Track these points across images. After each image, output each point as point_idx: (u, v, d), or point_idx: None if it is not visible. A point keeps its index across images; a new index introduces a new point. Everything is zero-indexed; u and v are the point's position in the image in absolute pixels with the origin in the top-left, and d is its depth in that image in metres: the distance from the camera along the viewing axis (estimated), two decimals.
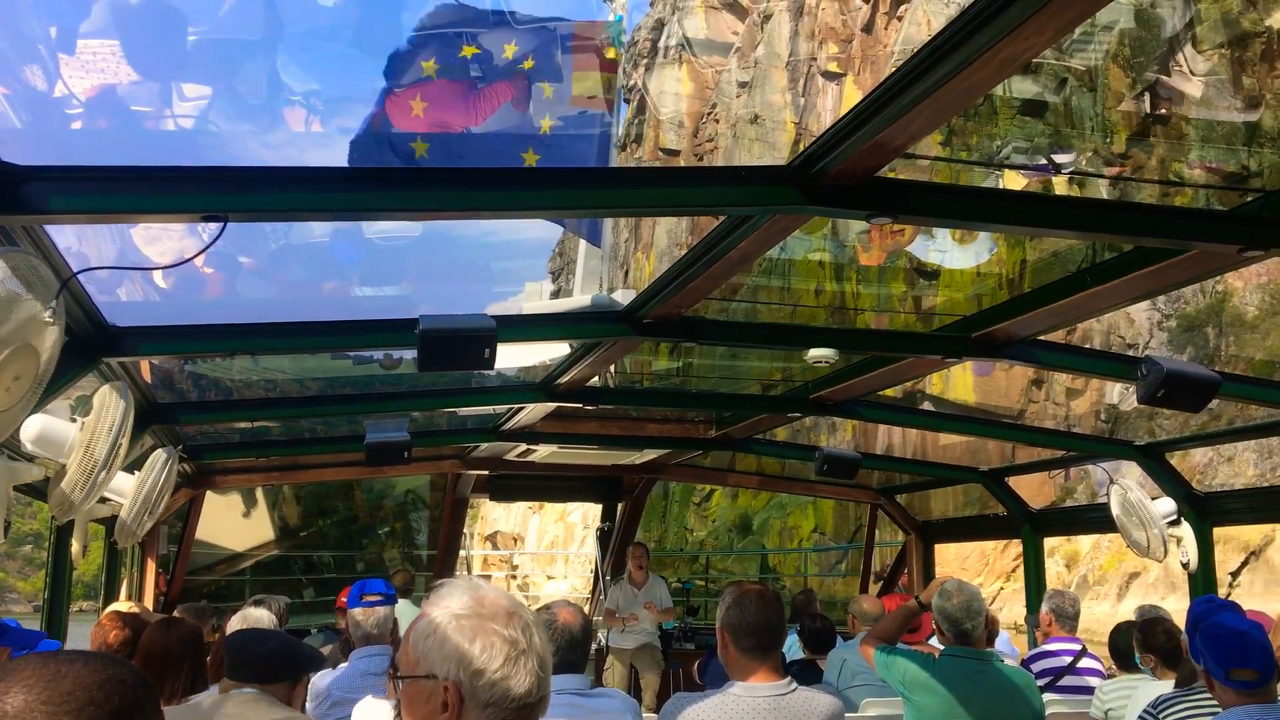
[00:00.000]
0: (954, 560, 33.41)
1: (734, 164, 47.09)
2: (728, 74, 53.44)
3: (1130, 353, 31.13)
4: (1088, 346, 31.26)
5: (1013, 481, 8.33)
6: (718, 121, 52.85)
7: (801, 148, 3.29)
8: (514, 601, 1.85)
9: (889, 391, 7.06)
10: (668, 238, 50.61)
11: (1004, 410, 31.73)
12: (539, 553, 46.60)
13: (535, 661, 1.80)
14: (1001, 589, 33.43)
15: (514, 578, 46.45)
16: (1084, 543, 32.00)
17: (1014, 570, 34.03)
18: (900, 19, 44.28)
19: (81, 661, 1.29)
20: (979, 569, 33.56)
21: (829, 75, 47.98)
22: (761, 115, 48.92)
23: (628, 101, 59.07)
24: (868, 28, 46.82)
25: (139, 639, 4.07)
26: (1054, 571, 33.30)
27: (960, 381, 32.21)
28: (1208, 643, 3.57)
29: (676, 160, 54.17)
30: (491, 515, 53.25)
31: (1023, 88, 34.55)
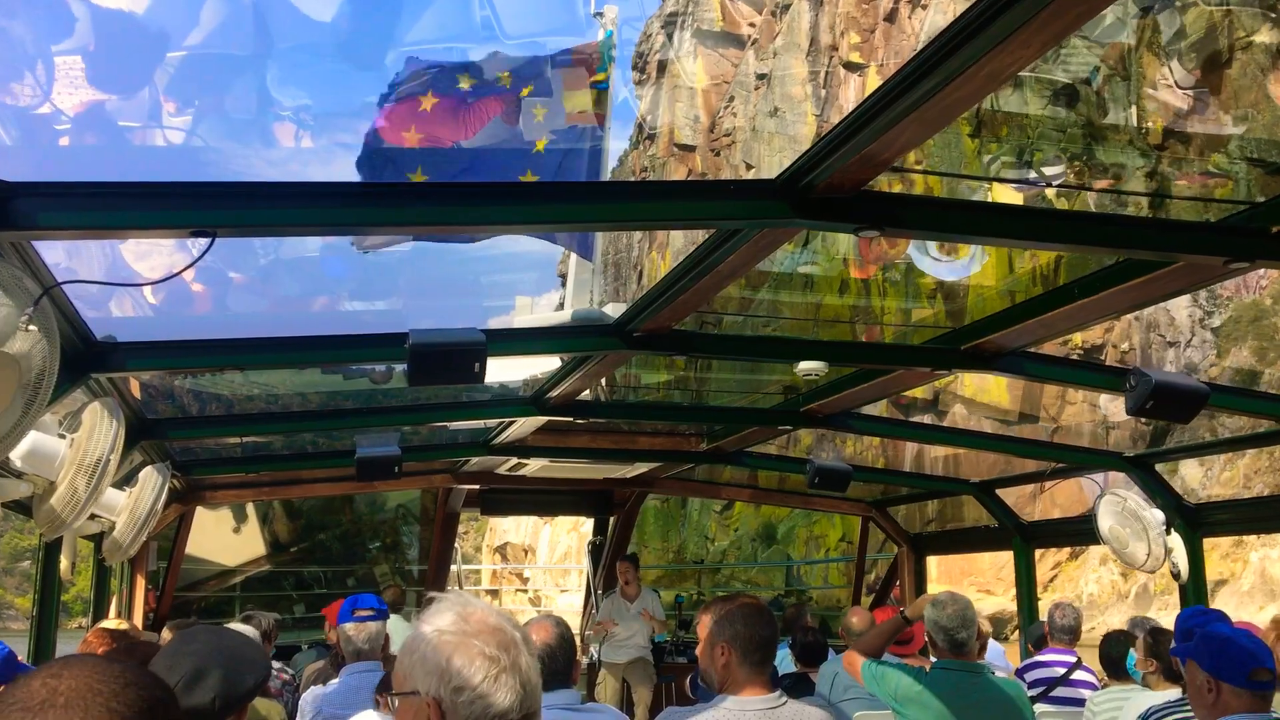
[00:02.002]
0: (989, 570, 32.22)
1: (753, 157, 46.14)
2: (745, 66, 51.84)
3: (1171, 351, 30.84)
4: (1124, 346, 31.05)
5: (1054, 487, 8.21)
6: (735, 115, 51.39)
7: None
8: (501, 618, 1.85)
9: (917, 392, 7.03)
10: (684, 236, 49.72)
11: (1038, 413, 31.21)
12: (551, 567, 45.23)
13: (517, 679, 1.80)
14: (1039, 599, 32.67)
15: (525, 591, 45.46)
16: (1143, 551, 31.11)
17: (1052, 579, 32.79)
18: (924, 7, 43.43)
19: (135, 669, 1.38)
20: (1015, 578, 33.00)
21: (851, 66, 46.80)
22: (781, 108, 47.60)
23: (640, 98, 58.03)
24: (890, 17, 45.54)
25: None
26: (1109, 580, 32.16)
27: (995, 383, 31.76)
28: (1222, 648, 3.55)
29: (692, 156, 52.74)
30: (501, 526, 51.86)
31: (1053, 76, 33.99)
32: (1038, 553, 7.96)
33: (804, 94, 47.90)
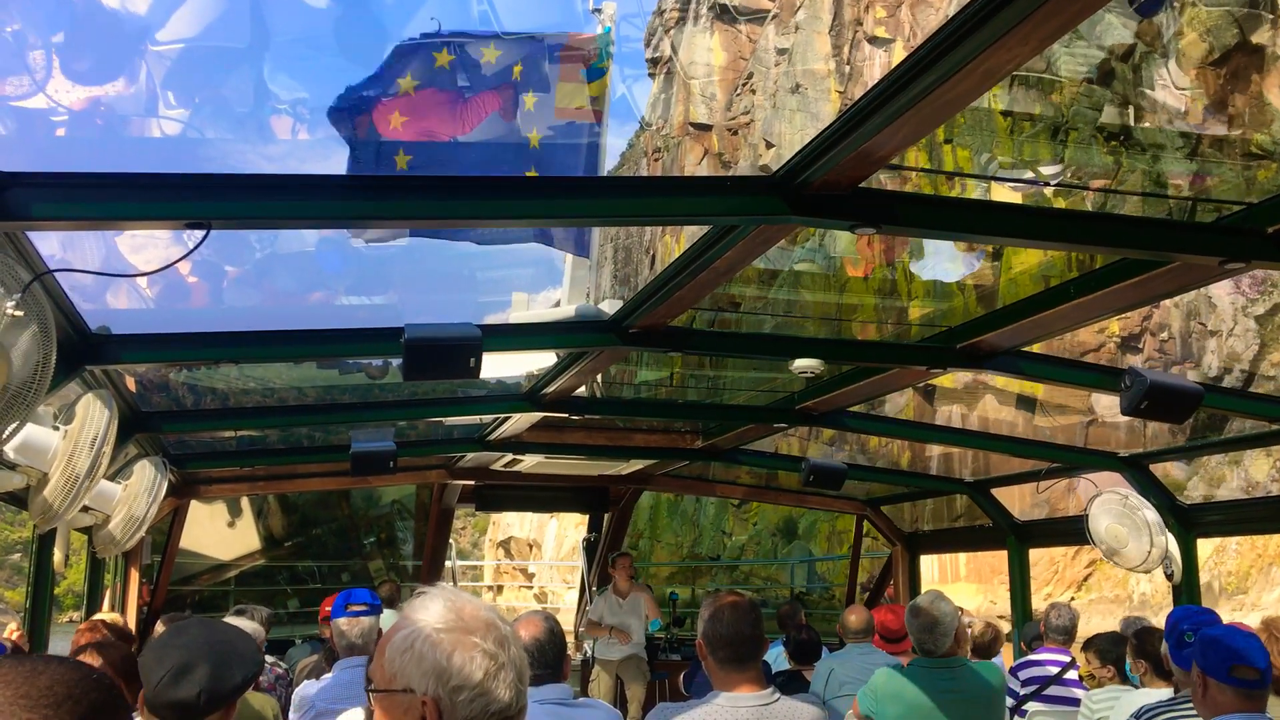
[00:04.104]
0: None
1: (773, 135, 44.80)
2: (764, 42, 49.33)
3: (1212, 341, 30.31)
4: (1163, 335, 30.32)
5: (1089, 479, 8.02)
6: (754, 93, 49.00)
7: None
8: (492, 612, 1.82)
9: (945, 380, 6.99)
10: None
11: (1073, 404, 30.57)
12: (553, 563, 44.00)
13: (514, 674, 1.77)
14: (1073, 599, 30.29)
15: (529, 588, 44.80)
16: (1203, 545, 28.70)
17: (1086, 578, 31.30)
18: None
19: (57, 661, 1.31)
20: (1048, 577, 31.11)
21: (876, 41, 44.80)
22: (803, 84, 45.33)
23: (652, 76, 56.63)
24: None
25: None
26: (1162, 578, 31.08)
27: None
28: (1209, 643, 3.55)
29: (708, 136, 50.72)
30: (504, 520, 50.59)
31: (1088, 53, 33.05)
32: (1070, 551, 7.90)
33: (827, 70, 45.53)
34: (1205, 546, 27.59)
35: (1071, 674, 6.47)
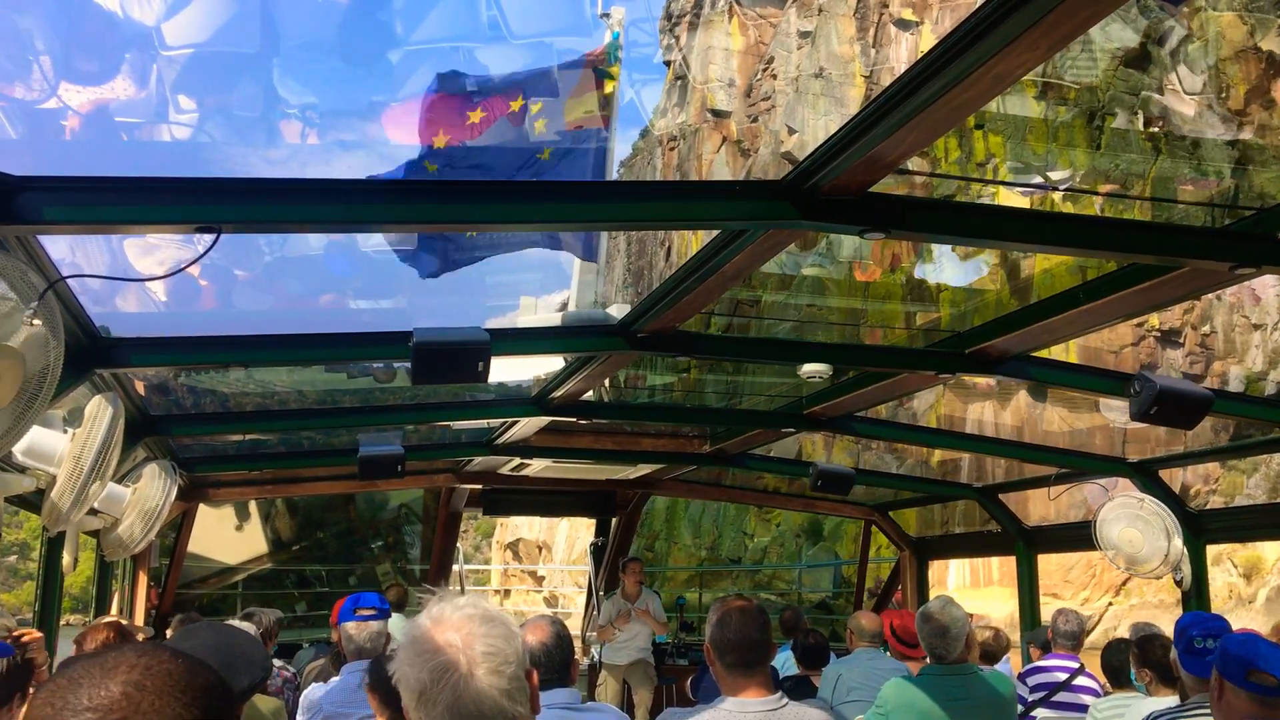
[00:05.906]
0: (1057, 572, 29.98)
1: (796, 121, 43.59)
2: (785, 25, 48.34)
3: (1256, 335, 29.70)
4: (1205, 329, 29.39)
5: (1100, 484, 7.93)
6: (775, 78, 47.93)
7: None
8: (462, 634, 1.81)
9: (977, 379, 6.87)
10: None
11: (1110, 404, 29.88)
12: (562, 568, 42.87)
13: (442, 706, 1.76)
14: (1111, 604, 30.11)
15: (539, 591, 44.12)
16: (1269, 549, 27.87)
17: (1125, 582, 30.37)
18: None
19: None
20: (1085, 581, 30.86)
21: (902, 24, 44.00)
22: (827, 68, 44.44)
23: (668, 64, 55.64)
24: None
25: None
26: (1226, 583, 29.35)
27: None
28: (1229, 648, 3.54)
29: (727, 123, 49.18)
30: (513, 521, 50.12)
31: (1123, 36, 32.34)
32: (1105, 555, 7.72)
33: (852, 53, 44.70)
34: (1271, 550, 26.92)
35: (1080, 680, 6.44)
